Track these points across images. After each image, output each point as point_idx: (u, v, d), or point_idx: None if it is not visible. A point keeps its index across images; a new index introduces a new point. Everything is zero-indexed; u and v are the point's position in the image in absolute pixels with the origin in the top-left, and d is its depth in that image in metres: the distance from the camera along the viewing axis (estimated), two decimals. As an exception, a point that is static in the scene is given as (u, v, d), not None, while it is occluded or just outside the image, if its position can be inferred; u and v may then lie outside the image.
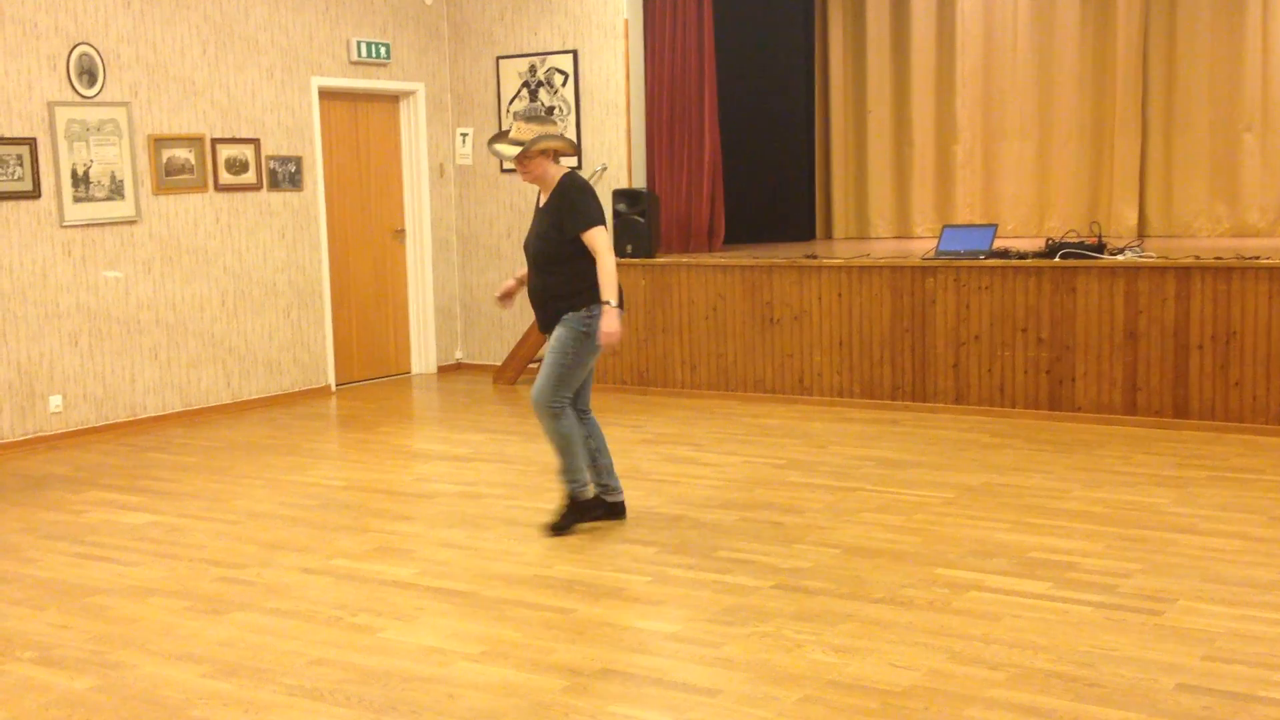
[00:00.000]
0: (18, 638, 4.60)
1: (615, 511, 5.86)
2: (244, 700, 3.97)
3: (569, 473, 5.69)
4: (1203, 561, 5.06)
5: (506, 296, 5.96)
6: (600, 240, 5.50)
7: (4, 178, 7.75)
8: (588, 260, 5.50)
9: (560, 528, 5.68)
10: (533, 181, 5.61)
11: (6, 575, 5.36)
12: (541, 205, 5.66)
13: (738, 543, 5.48)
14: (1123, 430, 7.54)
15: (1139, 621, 4.40)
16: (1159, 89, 9.75)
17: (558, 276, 5.56)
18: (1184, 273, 7.47)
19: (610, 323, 5.43)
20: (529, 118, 5.55)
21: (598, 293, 5.50)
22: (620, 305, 5.49)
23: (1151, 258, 7.68)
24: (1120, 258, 7.73)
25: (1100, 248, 7.89)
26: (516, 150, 5.48)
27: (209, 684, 4.11)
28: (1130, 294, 7.61)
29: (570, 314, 5.53)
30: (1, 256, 7.78)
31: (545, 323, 5.69)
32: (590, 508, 5.76)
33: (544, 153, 5.54)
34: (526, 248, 5.73)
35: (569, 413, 5.60)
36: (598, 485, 5.82)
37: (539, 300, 5.67)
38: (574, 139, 9.98)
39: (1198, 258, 7.52)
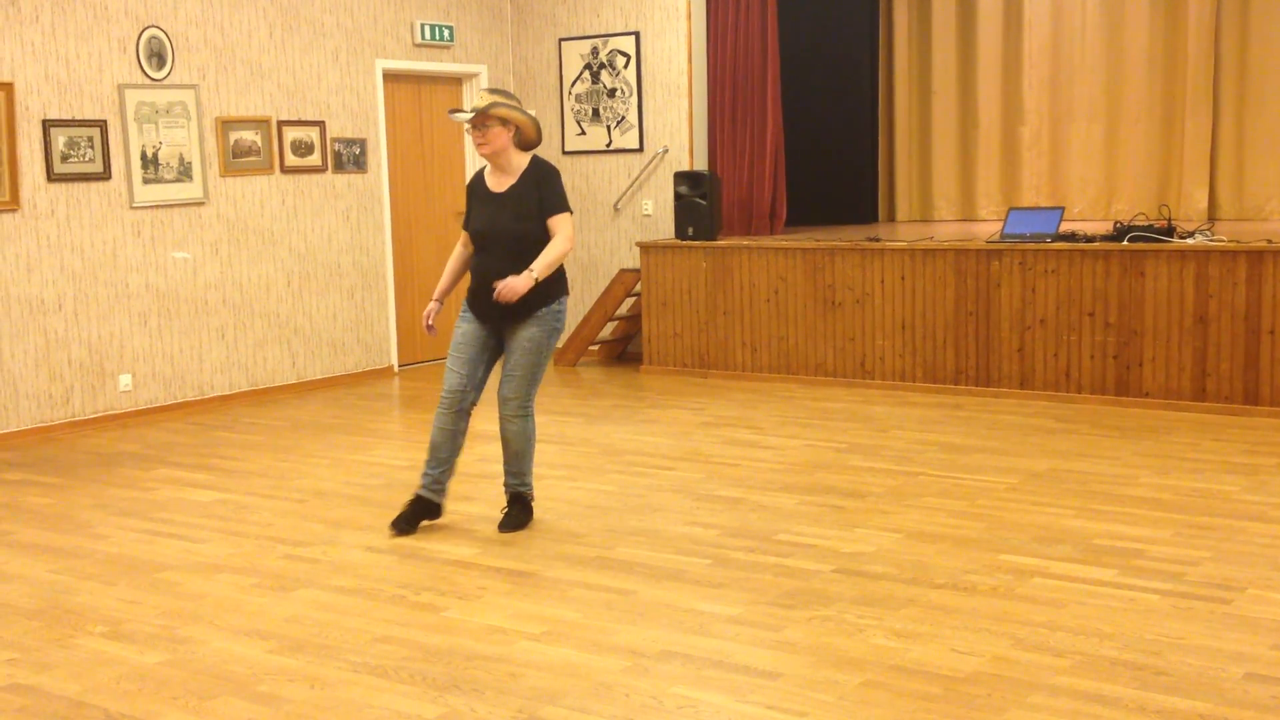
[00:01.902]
0: (89, 612, 4.69)
1: (435, 511, 5.64)
2: (310, 676, 4.03)
3: (524, 474, 5.56)
4: (1273, 550, 4.98)
5: (433, 325, 5.65)
6: (569, 227, 5.35)
7: (75, 159, 7.88)
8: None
9: (515, 525, 5.52)
10: (489, 155, 5.33)
11: (78, 551, 5.46)
12: (499, 190, 5.38)
13: (798, 526, 5.47)
14: (1191, 416, 7.43)
15: (1207, 610, 4.34)
16: (1230, 69, 9.56)
17: (532, 261, 5.28)
18: (1256, 256, 7.34)
19: (521, 284, 5.16)
20: (493, 90, 5.38)
21: (565, 284, 5.44)
22: (566, 293, 5.45)
23: (1222, 241, 7.55)
24: (1190, 241, 7.61)
25: (1169, 231, 7.77)
26: (471, 115, 5.25)
27: (276, 659, 4.17)
28: (1200, 278, 7.49)
29: (543, 309, 5.34)
30: (73, 237, 7.91)
31: (507, 312, 5.30)
32: (531, 509, 5.63)
33: (503, 124, 5.29)
34: (489, 236, 5.36)
35: (534, 414, 5.53)
36: (436, 484, 5.59)
37: None
38: (620, 119, 9.98)
39: (1270, 241, 7.38)
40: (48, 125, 7.73)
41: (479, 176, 5.52)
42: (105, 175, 8.04)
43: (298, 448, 7.33)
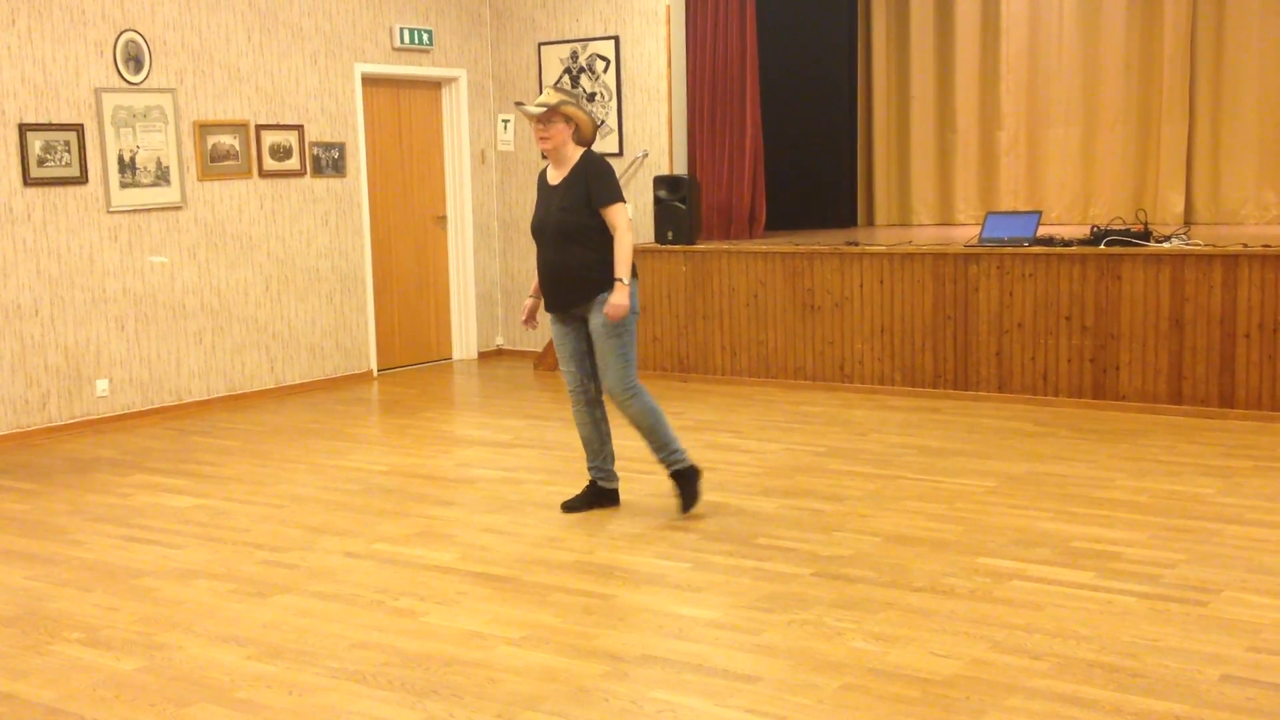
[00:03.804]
0: (66, 619, 4.66)
1: (612, 499, 5.91)
2: (288, 682, 4.01)
3: (666, 447, 5.66)
4: (1248, 552, 5.01)
5: (532, 318, 5.88)
6: (623, 216, 5.54)
7: (52, 163, 7.84)
8: (610, 234, 5.56)
9: (691, 501, 5.68)
10: (550, 150, 5.55)
11: (55, 557, 5.43)
12: (554, 183, 5.61)
13: (778, 530, 5.48)
14: (1168, 420, 7.47)
15: (1183, 612, 4.36)
16: (1206, 74, 9.62)
17: (585, 252, 5.51)
18: (1231, 260, 7.38)
19: (620, 298, 5.47)
20: (558, 87, 5.59)
21: (624, 267, 5.56)
22: (635, 276, 5.59)
23: (1198, 245, 7.60)
24: (1166, 245, 7.65)
25: (1146, 235, 7.81)
26: (540, 110, 5.47)
27: (253, 666, 4.16)
28: (1176, 282, 7.53)
29: (605, 294, 5.50)
30: (49, 242, 7.87)
31: (569, 300, 5.58)
32: (695, 474, 5.73)
33: (567, 121, 5.51)
34: (542, 228, 5.63)
35: (644, 389, 5.63)
36: (600, 471, 5.87)
37: (564, 278, 5.57)
38: (600, 123, 9.99)
39: (1245, 245, 7.43)
40: (24, 129, 7.69)
41: (543, 171, 5.75)
42: (82, 179, 8.00)
43: (276, 453, 7.31)
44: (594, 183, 5.52)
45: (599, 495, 5.90)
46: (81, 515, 6.10)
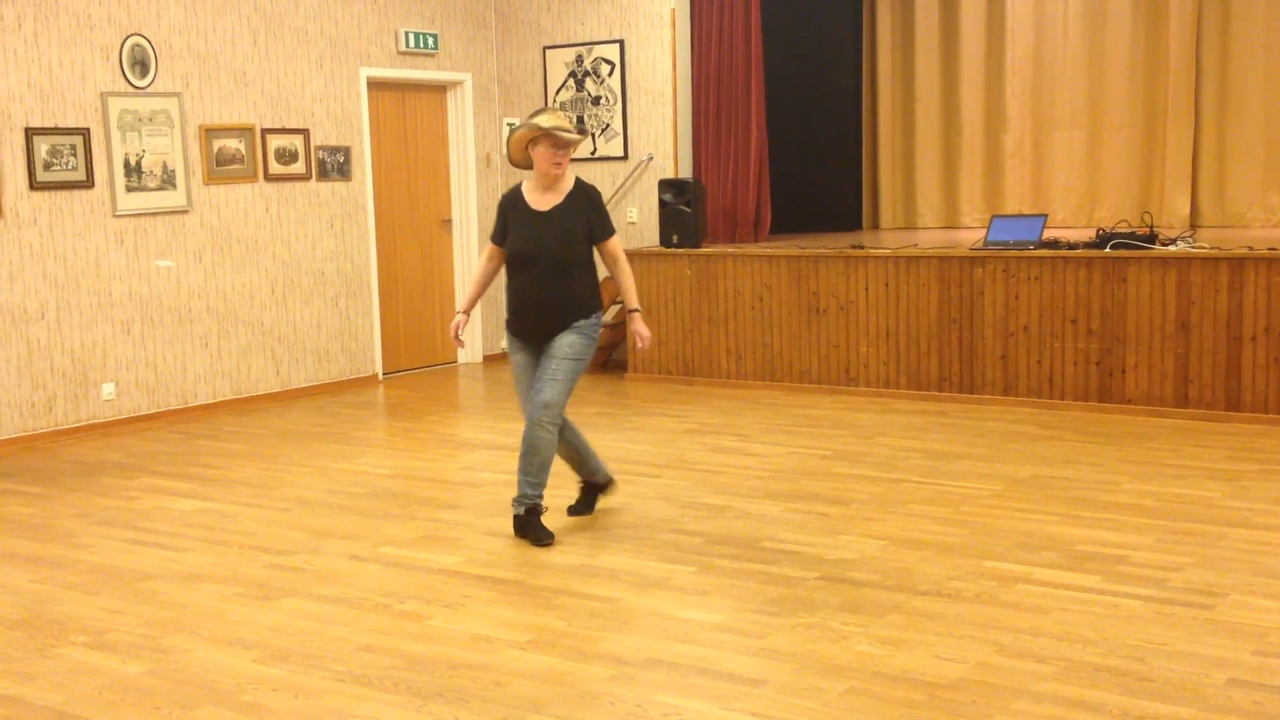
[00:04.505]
0: (72, 622, 4.67)
1: (610, 486, 5.89)
2: (294, 685, 4.02)
3: (535, 483, 5.46)
4: (1255, 555, 5.00)
5: (459, 335, 5.74)
6: (620, 247, 5.59)
7: (58, 167, 7.85)
8: (594, 265, 5.55)
9: (522, 533, 5.47)
10: (556, 176, 5.40)
11: (61, 560, 5.44)
12: (543, 209, 5.44)
13: (783, 533, 5.47)
14: (1174, 423, 7.46)
15: (1189, 616, 4.36)
16: (1212, 77, 9.61)
17: (579, 282, 5.44)
18: (1237, 264, 7.38)
19: (645, 328, 5.61)
20: (558, 111, 5.54)
21: (600, 300, 5.59)
22: (602, 308, 5.64)
23: (1204, 248, 7.59)
24: (1172, 248, 7.64)
25: (1152, 238, 7.81)
26: (579, 139, 5.41)
27: (259, 669, 4.16)
28: (1182, 285, 7.52)
29: (582, 321, 5.44)
30: (56, 245, 7.88)
31: (555, 328, 5.41)
32: (534, 517, 5.54)
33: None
34: (534, 257, 5.41)
35: (558, 429, 5.48)
36: (587, 472, 5.81)
37: (554, 306, 5.41)
38: (605, 127, 9.99)
39: (1251, 249, 7.42)
40: (30, 133, 7.71)
41: (518, 193, 5.55)
42: (88, 183, 8.01)
43: (281, 456, 7.32)
44: (595, 216, 5.47)
45: (598, 489, 5.86)
46: (88, 519, 6.10)
